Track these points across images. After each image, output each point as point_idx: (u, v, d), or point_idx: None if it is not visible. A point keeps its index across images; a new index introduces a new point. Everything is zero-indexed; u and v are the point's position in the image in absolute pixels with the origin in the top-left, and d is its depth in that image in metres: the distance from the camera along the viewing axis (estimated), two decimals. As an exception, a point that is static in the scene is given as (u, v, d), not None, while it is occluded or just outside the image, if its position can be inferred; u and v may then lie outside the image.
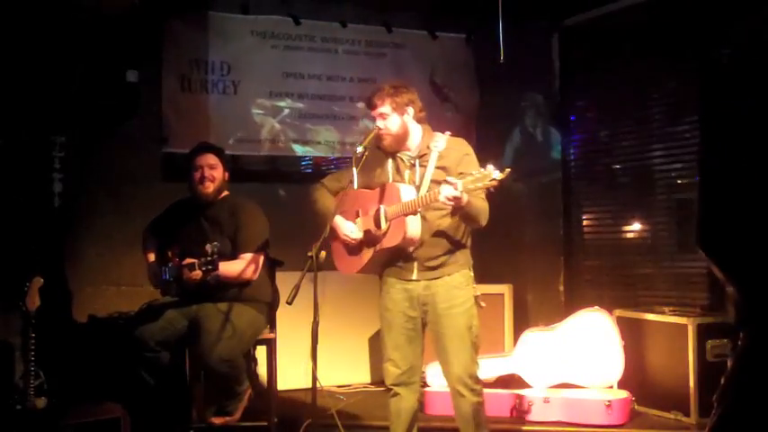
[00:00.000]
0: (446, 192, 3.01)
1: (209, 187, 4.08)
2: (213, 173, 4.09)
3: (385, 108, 3.36)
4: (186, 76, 5.31)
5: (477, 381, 3.37)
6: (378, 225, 3.34)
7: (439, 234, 3.33)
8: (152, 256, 4.18)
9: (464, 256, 3.41)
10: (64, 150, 4.87)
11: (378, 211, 3.34)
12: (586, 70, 5.91)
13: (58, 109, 4.87)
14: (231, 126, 5.42)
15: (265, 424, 4.14)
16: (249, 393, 4.10)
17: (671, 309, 4.68)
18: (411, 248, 3.32)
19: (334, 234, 3.46)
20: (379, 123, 3.38)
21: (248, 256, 4.02)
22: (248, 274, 4.01)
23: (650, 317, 4.60)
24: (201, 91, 5.35)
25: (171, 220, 4.22)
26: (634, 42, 5.49)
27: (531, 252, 5.96)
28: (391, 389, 3.43)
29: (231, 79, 5.44)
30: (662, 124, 5.45)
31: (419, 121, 3.44)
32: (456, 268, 3.36)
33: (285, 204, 5.58)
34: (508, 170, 2.93)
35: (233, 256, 4.02)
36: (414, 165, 3.39)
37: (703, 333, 4.33)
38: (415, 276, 3.36)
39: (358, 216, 3.47)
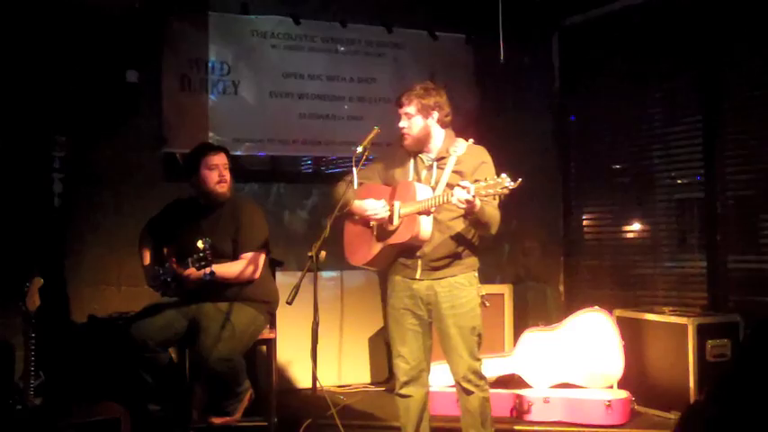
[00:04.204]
0: (459, 194, 3.03)
1: (225, 187, 4.08)
2: (227, 173, 4.09)
3: (410, 109, 3.41)
4: (186, 75, 5.31)
5: (481, 377, 3.42)
6: (391, 220, 3.36)
7: (448, 236, 3.35)
8: (147, 258, 4.17)
9: (470, 259, 3.44)
10: (64, 150, 4.87)
11: (392, 206, 3.37)
12: (586, 70, 5.92)
13: (58, 109, 4.87)
14: (231, 126, 5.42)
15: (265, 424, 4.13)
16: (249, 393, 4.09)
17: (671, 309, 4.69)
18: (419, 247, 3.34)
19: (353, 219, 3.49)
20: (403, 123, 3.42)
21: (249, 255, 4.02)
22: (248, 273, 4.01)
23: (650, 317, 4.60)
24: (201, 91, 5.35)
25: (169, 220, 4.21)
26: (634, 42, 5.49)
27: (531, 252, 5.97)
28: (400, 391, 3.48)
29: (231, 79, 5.44)
30: (662, 124, 5.45)
31: (444, 125, 3.48)
32: (460, 270, 3.39)
33: (285, 204, 5.59)
34: (520, 180, 2.96)
35: (235, 256, 4.03)
36: (431, 166, 3.43)
37: (703, 333, 4.34)
38: (418, 275, 3.39)
39: None
